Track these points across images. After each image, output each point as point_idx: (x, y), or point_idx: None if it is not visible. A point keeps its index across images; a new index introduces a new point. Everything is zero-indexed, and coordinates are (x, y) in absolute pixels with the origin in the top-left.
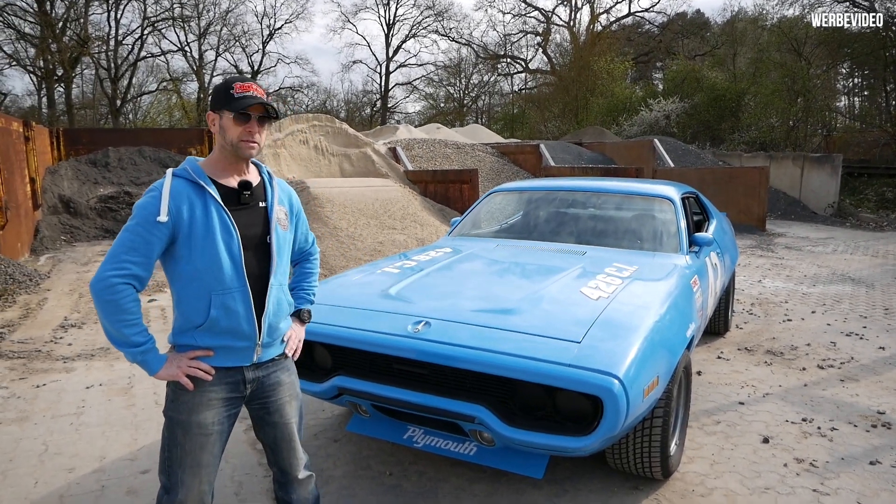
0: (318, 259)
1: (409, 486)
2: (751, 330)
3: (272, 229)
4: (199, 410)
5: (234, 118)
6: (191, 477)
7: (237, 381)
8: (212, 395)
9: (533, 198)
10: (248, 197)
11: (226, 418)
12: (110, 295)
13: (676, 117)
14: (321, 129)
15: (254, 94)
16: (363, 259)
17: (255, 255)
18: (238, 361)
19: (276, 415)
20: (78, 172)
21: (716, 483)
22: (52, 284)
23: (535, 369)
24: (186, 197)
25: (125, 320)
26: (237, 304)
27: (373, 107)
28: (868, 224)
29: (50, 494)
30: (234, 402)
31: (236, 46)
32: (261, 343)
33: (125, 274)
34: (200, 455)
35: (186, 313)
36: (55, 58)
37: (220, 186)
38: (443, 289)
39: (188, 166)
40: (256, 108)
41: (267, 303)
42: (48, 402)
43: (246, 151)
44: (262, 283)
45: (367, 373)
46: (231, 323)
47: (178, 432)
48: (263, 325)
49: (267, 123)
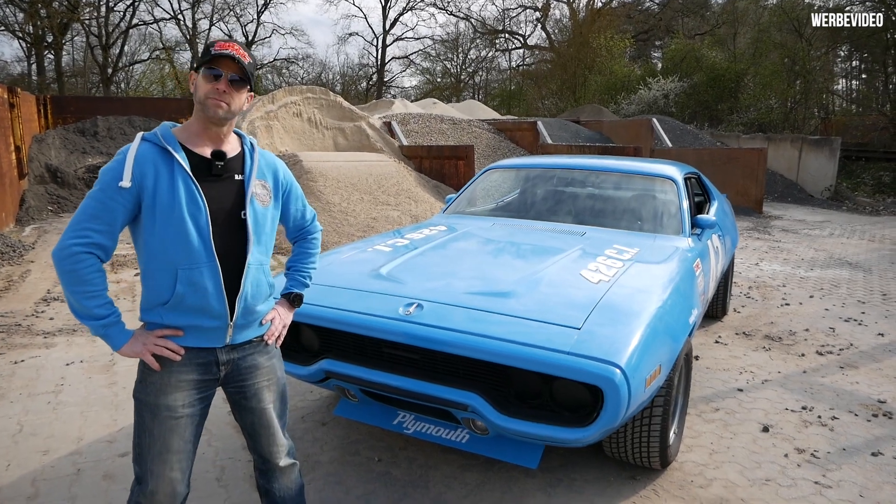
0: (319, 238)
1: (399, 473)
2: (749, 314)
3: (247, 204)
4: (167, 392)
5: (204, 74)
6: (160, 465)
7: (209, 362)
8: (181, 376)
9: (531, 175)
10: (221, 168)
11: (197, 401)
12: (71, 264)
13: (675, 97)
14: (315, 102)
15: (228, 51)
16: (356, 235)
17: (230, 231)
18: (209, 342)
19: (253, 399)
20: (66, 141)
21: (715, 473)
22: (37, 256)
23: (532, 356)
24: (152, 163)
25: (87, 291)
26: (205, 281)
27: (368, 80)
28: (864, 208)
29: (22, 478)
30: (206, 385)
31: (230, 15)
32: (233, 324)
33: (87, 242)
34: (170, 440)
35: (153, 288)
36: (44, 24)
37: (192, 155)
38: (436, 269)
39: (159, 131)
40: (229, 67)
41: (243, 282)
42: (26, 379)
43: (212, 110)
44: (239, 262)
45: (355, 356)
46: (199, 300)
47: (147, 416)
48: (238, 305)
49: (243, 89)
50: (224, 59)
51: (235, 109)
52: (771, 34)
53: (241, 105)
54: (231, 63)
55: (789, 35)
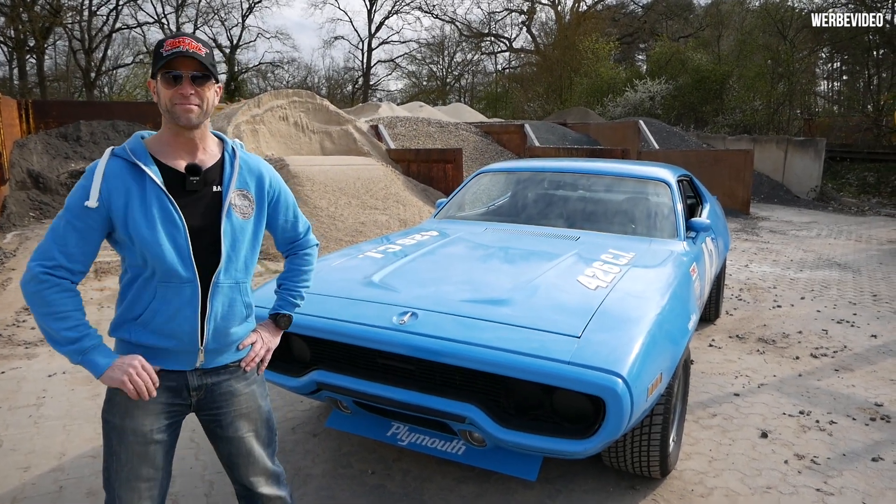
0: (314, 255)
1: (393, 486)
2: (741, 316)
3: (223, 217)
4: (134, 415)
5: (162, 80)
6: (129, 492)
7: (179, 386)
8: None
9: (523, 179)
10: (196, 183)
11: (166, 427)
12: (34, 286)
13: (661, 99)
14: (301, 106)
15: (181, 49)
16: (344, 240)
17: (208, 248)
18: (178, 365)
19: (229, 429)
20: (48, 146)
21: (715, 482)
22: (18, 264)
23: (531, 367)
24: (122, 181)
25: (54, 313)
26: (180, 301)
27: (354, 84)
28: (850, 208)
29: (2, 497)
30: (176, 410)
31: (215, 19)
32: (203, 348)
33: (52, 265)
34: (139, 467)
35: (127, 302)
36: (26, 27)
37: (166, 169)
38: (430, 276)
39: (128, 145)
40: (188, 65)
41: (211, 302)
42: (6, 391)
43: (182, 117)
44: (210, 280)
45: (348, 367)
46: (168, 322)
47: (114, 438)
48: (207, 328)
49: (208, 84)
50: (179, 58)
51: (207, 109)
52: (755, 36)
53: (213, 102)
54: (188, 61)
55: (773, 37)
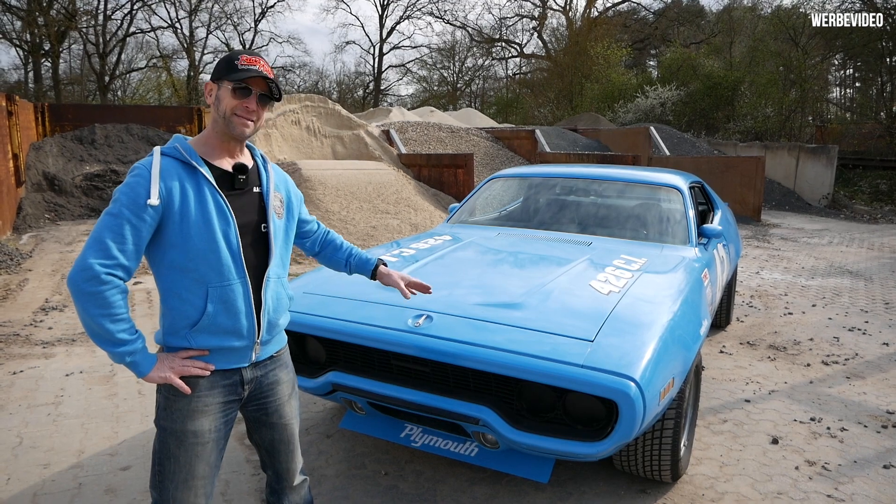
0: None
1: (406, 487)
2: (752, 323)
3: (268, 217)
4: (194, 417)
5: (233, 90)
6: (184, 491)
7: (235, 382)
8: (208, 399)
9: (536, 184)
10: (243, 181)
11: (223, 424)
12: (94, 286)
13: (672, 105)
14: (314, 110)
15: (258, 69)
16: (356, 244)
17: (252, 245)
18: (236, 362)
19: (274, 415)
20: (63, 149)
21: (726, 487)
22: (34, 264)
23: (545, 370)
24: (177, 178)
25: (112, 315)
26: (237, 298)
27: (365, 88)
28: (862, 216)
29: (23, 493)
30: (231, 407)
31: (228, 24)
32: (259, 341)
33: (112, 265)
34: (196, 466)
35: (178, 308)
36: (42, 31)
37: (213, 168)
38: (444, 279)
39: (178, 144)
40: (258, 84)
41: (265, 297)
42: (25, 390)
43: (238, 128)
44: (260, 276)
45: (363, 369)
46: (230, 319)
47: (172, 443)
48: (263, 321)
49: (268, 105)
50: (253, 76)
51: (258, 126)
52: (767, 43)
53: (263, 121)
54: (260, 81)
55: (785, 44)
